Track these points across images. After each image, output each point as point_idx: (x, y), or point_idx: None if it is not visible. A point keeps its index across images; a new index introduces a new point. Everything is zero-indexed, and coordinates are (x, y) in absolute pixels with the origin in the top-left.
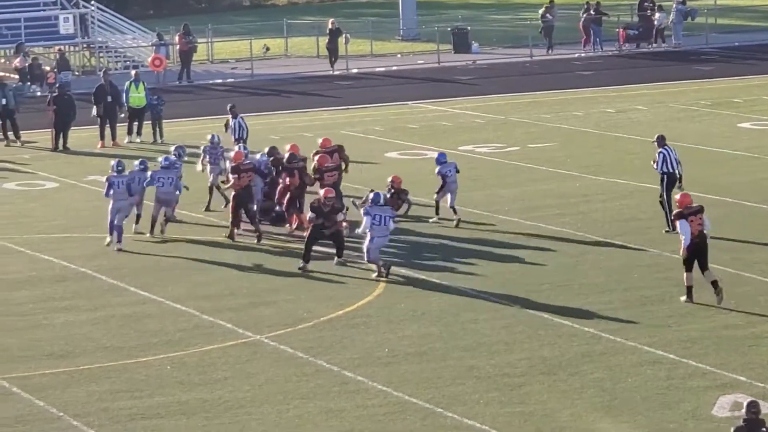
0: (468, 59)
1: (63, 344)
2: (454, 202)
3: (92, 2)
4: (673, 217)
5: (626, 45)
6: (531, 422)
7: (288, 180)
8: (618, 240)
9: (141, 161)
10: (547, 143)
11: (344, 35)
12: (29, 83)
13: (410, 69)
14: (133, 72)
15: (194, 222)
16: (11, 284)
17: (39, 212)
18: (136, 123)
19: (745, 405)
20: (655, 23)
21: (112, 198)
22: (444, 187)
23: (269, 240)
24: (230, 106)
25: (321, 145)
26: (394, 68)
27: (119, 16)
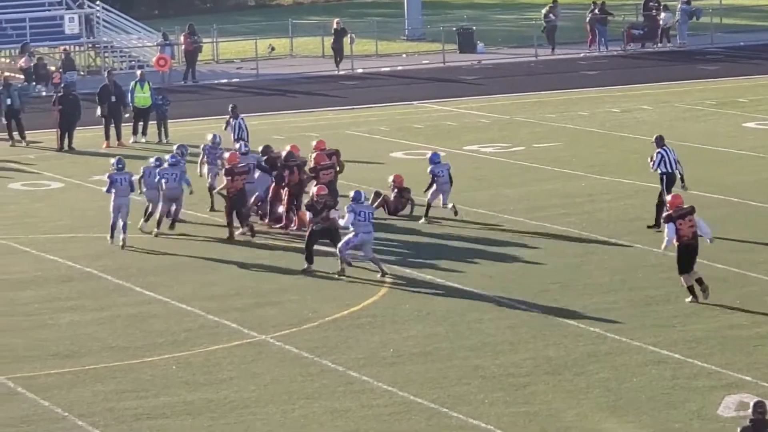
0: (473, 59)
1: (68, 344)
2: (447, 200)
3: (97, 2)
4: (663, 220)
5: (631, 45)
6: (536, 422)
7: (287, 177)
8: (623, 240)
9: (156, 158)
10: (552, 143)
11: (349, 35)
12: (34, 83)
13: (415, 69)
14: (139, 72)
15: (199, 222)
16: (17, 284)
17: (44, 212)
18: (142, 123)
19: (752, 405)
20: (661, 23)
21: (114, 195)
22: (435, 188)
23: (274, 240)
24: (231, 107)
25: (315, 147)
26: (399, 68)
27: (124, 16)
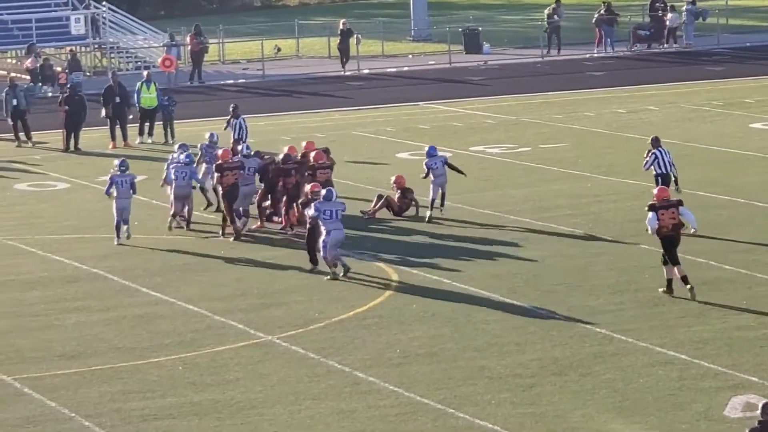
0: (479, 60)
1: (75, 345)
2: (445, 193)
3: (103, 3)
4: (647, 208)
5: (637, 45)
6: (542, 423)
7: (284, 180)
8: (629, 240)
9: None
10: (559, 144)
11: (355, 36)
12: (40, 84)
13: (421, 69)
14: (145, 73)
15: (205, 222)
16: (23, 285)
17: (50, 213)
18: (148, 124)
19: (761, 407)
20: (668, 23)
21: (115, 196)
22: (433, 180)
23: (279, 240)
24: (232, 106)
25: (305, 148)
26: (406, 69)
27: (130, 17)
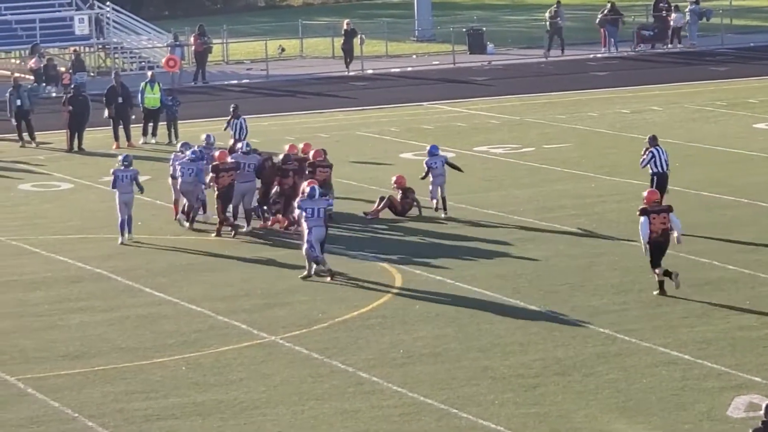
0: (483, 60)
1: (78, 345)
2: (445, 193)
3: (107, 3)
4: (638, 212)
5: (641, 46)
6: (546, 423)
7: (281, 181)
8: (633, 240)
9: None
10: (562, 144)
11: (359, 36)
12: (44, 84)
13: (425, 70)
14: (149, 73)
15: (210, 222)
16: (27, 285)
17: (54, 213)
18: (152, 124)
19: (764, 407)
20: (672, 23)
21: (118, 191)
22: (432, 180)
23: (284, 241)
24: (233, 107)
25: (302, 151)
26: (410, 69)
27: (134, 17)
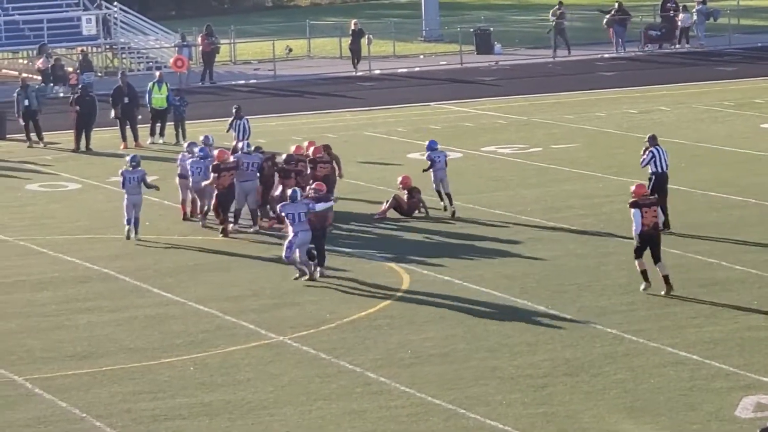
0: (490, 60)
1: (86, 345)
2: (449, 188)
3: (115, 3)
4: (629, 205)
5: (649, 46)
6: (554, 423)
7: (283, 182)
8: None
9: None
10: (570, 144)
11: (367, 36)
12: (52, 84)
13: (433, 70)
14: (157, 73)
15: (216, 222)
16: (34, 285)
17: (62, 213)
18: (159, 124)
19: None
20: (679, 23)
21: (126, 192)
22: (434, 174)
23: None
24: (236, 107)
25: (307, 148)
26: (417, 69)
27: (141, 17)
